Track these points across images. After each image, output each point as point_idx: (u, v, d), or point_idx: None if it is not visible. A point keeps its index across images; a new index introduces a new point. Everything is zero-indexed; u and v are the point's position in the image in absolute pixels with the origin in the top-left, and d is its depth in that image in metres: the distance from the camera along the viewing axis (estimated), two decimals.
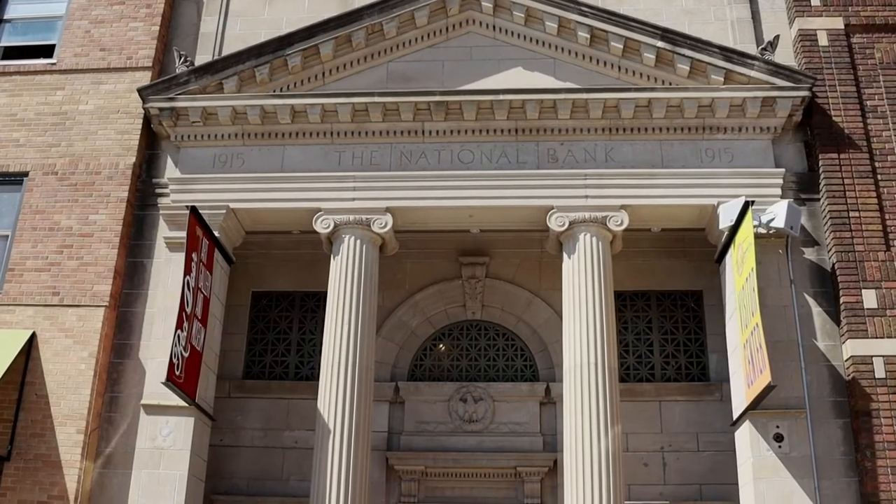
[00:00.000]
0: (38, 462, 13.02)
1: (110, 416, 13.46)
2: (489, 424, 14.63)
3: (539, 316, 15.14)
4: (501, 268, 15.41)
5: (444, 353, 15.33)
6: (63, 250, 14.04)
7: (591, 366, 12.70)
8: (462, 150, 14.10)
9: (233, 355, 15.17)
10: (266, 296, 15.71)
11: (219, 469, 14.49)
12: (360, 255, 13.57)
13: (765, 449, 12.40)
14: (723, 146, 13.76)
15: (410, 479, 14.38)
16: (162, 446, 12.98)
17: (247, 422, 14.84)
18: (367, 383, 13.09)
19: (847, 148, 13.66)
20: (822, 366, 12.90)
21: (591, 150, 13.96)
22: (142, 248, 14.29)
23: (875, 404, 12.44)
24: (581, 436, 12.41)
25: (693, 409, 14.39)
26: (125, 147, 14.56)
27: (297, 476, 14.45)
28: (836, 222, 13.33)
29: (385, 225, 13.69)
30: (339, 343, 13.08)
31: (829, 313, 13.13)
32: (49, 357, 13.49)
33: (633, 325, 15.16)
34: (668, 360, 14.90)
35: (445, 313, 15.43)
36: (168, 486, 12.78)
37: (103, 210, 14.22)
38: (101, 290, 13.79)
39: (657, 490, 14.05)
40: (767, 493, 12.22)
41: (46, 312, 13.72)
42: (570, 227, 13.48)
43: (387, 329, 15.16)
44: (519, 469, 14.24)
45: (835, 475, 12.40)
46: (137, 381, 13.54)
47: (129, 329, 13.87)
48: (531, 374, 15.03)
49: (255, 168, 14.19)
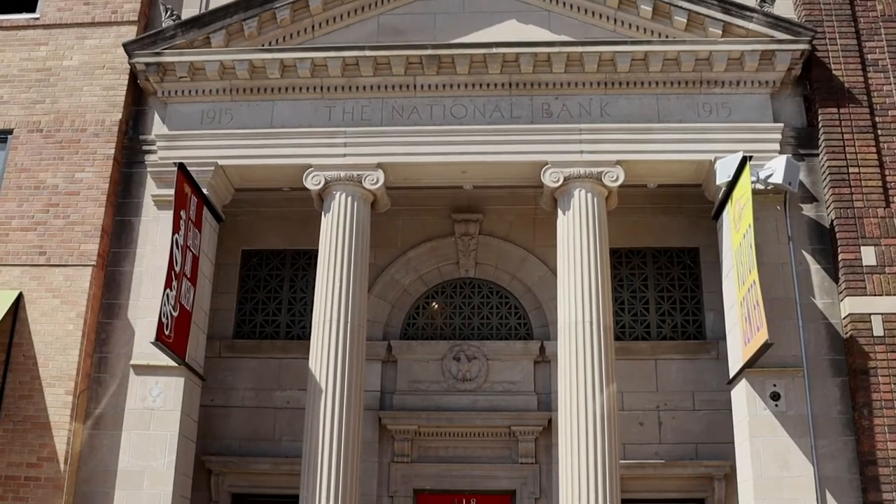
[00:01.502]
0: (27, 424, 12.91)
1: (99, 376, 13.32)
2: (483, 383, 14.53)
3: (533, 273, 14.99)
4: (495, 225, 15.25)
5: (437, 311, 15.20)
6: (49, 209, 13.82)
7: (586, 324, 12.56)
8: (455, 105, 13.87)
9: (223, 314, 15.04)
10: (256, 254, 15.55)
11: (210, 430, 14.40)
12: (352, 212, 13.38)
13: (761, 408, 12.32)
14: (720, 100, 13.54)
15: (403, 439, 14.29)
16: (152, 407, 12.88)
17: (238, 382, 14.73)
18: (360, 342, 12.95)
19: (847, 102, 13.44)
20: (819, 324, 12.77)
21: (586, 104, 13.74)
22: (129, 207, 14.07)
23: (873, 362, 12.33)
24: (576, 394, 12.30)
25: (689, 367, 14.30)
26: (111, 103, 14.29)
27: (290, 436, 14.37)
28: (835, 178, 13.14)
29: (377, 181, 13.49)
30: (331, 301, 12.92)
31: (827, 271, 12.98)
32: (36, 317, 13.32)
33: (629, 282, 15.01)
34: (664, 318, 14.78)
35: (438, 271, 15.27)
36: (158, 447, 12.70)
37: (90, 168, 13.99)
38: (88, 249, 13.60)
39: (653, 449, 13.99)
40: (764, 452, 12.15)
41: (33, 272, 13.53)
42: (564, 182, 13.29)
43: (379, 287, 15.00)
44: (513, 428, 14.15)
45: (832, 434, 12.33)
46: (126, 341, 13.39)
47: (117, 288, 13.69)
48: (525, 332, 14.91)
49: (243, 124, 13.96)
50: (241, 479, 14.24)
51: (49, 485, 12.67)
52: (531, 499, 13.98)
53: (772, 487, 12.03)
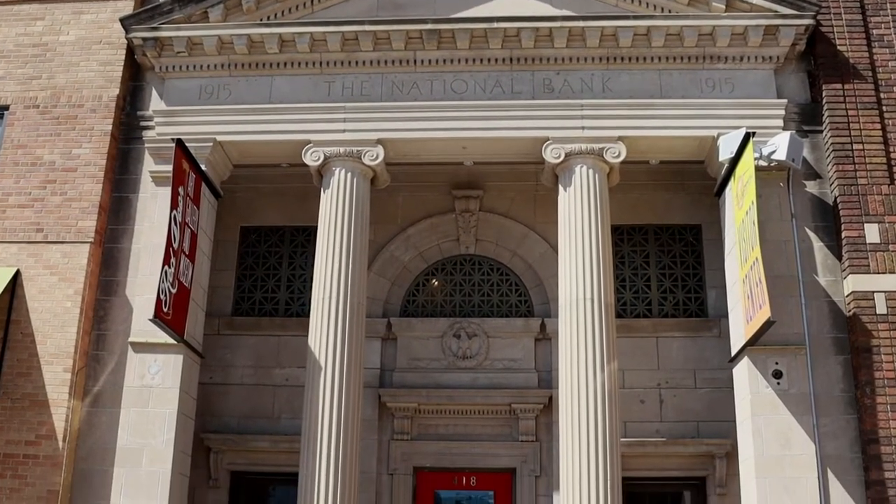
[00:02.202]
0: (26, 401, 12.83)
1: (97, 354, 13.24)
2: (483, 361, 14.47)
3: (534, 250, 14.89)
4: (496, 201, 15.14)
5: (438, 288, 15.11)
6: (46, 185, 13.70)
7: (587, 301, 12.48)
8: (455, 80, 13.74)
9: (221, 292, 14.96)
10: (255, 231, 15.45)
11: (209, 407, 14.35)
12: (351, 189, 13.27)
13: (763, 386, 12.26)
14: (723, 76, 13.41)
15: (403, 417, 14.24)
16: (150, 384, 12.82)
17: (236, 359, 14.67)
18: (359, 319, 12.87)
19: (851, 78, 13.30)
20: (822, 301, 12.68)
21: (587, 79, 13.61)
22: (127, 183, 13.95)
23: (876, 340, 12.25)
24: (576, 372, 12.24)
25: (691, 345, 14.22)
26: (108, 79, 14.15)
27: (289, 414, 14.31)
28: (839, 155, 13.02)
29: (376, 157, 13.38)
30: (330, 278, 12.84)
31: (830, 248, 12.88)
32: (34, 295, 13.23)
33: (630, 259, 14.92)
34: (666, 296, 14.70)
35: (438, 248, 15.18)
36: (157, 425, 12.64)
37: (87, 144, 13.86)
38: (85, 225, 13.49)
39: (654, 427, 13.94)
40: (765, 430, 12.10)
41: (30, 249, 13.43)
42: (565, 158, 13.17)
43: (378, 264, 14.92)
44: (513, 406, 14.09)
45: (834, 412, 12.26)
46: (125, 318, 13.31)
47: (115, 265, 13.59)
48: (526, 309, 14.83)
49: (242, 99, 13.83)
50: (240, 457, 14.20)
51: (48, 462, 12.62)
52: (531, 476, 13.93)
53: (773, 466, 11.97)
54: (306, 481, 12.17)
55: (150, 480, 12.44)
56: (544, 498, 13.85)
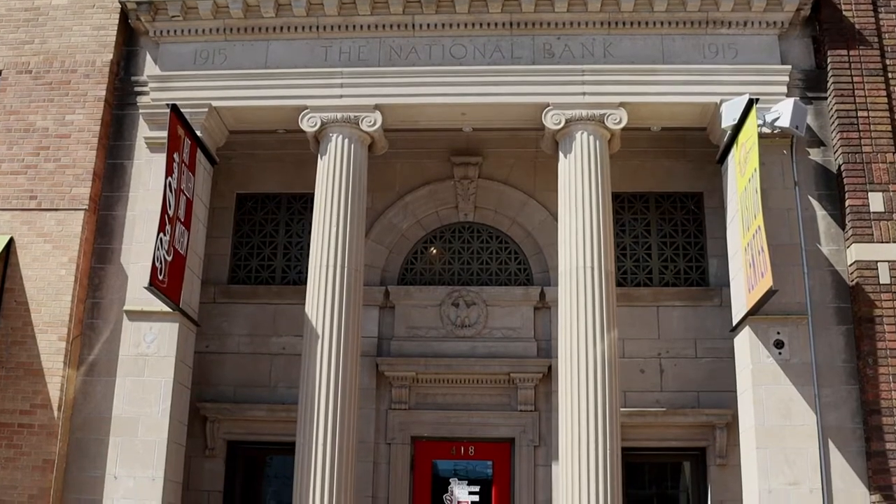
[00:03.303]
0: (20, 371, 12.74)
1: (92, 322, 13.14)
2: (482, 329, 14.36)
3: (534, 218, 14.75)
4: (495, 168, 14.97)
5: (436, 256, 14.98)
6: (39, 152, 13.53)
7: (587, 269, 12.36)
8: (454, 45, 13.55)
9: (217, 259, 14.81)
10: (251, 198, 15.27)
11: (205, 376, 14.25)
12: (349, 155, 13.12)
13: (764, 355, 12.17)
14: (727, 42, 13.21)
15: (401, 386, 14.15)
16: (146, 353, 12.74)
17: (233, 328, 14.56)
18: (357, 287, 12.76)
19: (857, 44, 13.09)
20: (825, 271, 12.56)
21: (589, 45, 13.42)
22: (121, 149, 13.79)
23: (878, 311, 12.13)
24: (576, 341, 12.15)
25: (691, 314, 14.10)
26: (102, 44, 13.94)
27: (286, 383, 14.21)
28: (844, 122, 12.83)
29: (374, 123, 13.21)
30: (327, 246, 12.71)
31: (833, 217, 12.74)
32: (28, 263, 13.10)
33: (631, 227, 14.78)
34: (667, 264, 14.56)
35: (437, 215, 15.03)
36: (153, 394, 12.57)
37: (80, 110, 13.68)
38: (79, 192, 13.34)
39: (654, 397, 13.84)
40: (766, 401, 12.01)
41: (24, 217, 13.28)
42: (566, 125, 13.01)
43: (376, 232, 14.77)
44: (512, 375, 13.99)
45: (835, 382, 12.17)
46: (119, 286, 13.20)
47: (109, 233, 13.46)
48: (525, 277, 14.70)
49: (238, 64, 13.63)
50: (237, 426, 14.11)
51: (43, 432, 12.55)
52: (530, 446, 13.86)
53: (774, 436, 11.90)
54: (303, 450, 12.10)
55: (145, 449, 12.38)
56: (543, 468, 13.78)
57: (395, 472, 13.98)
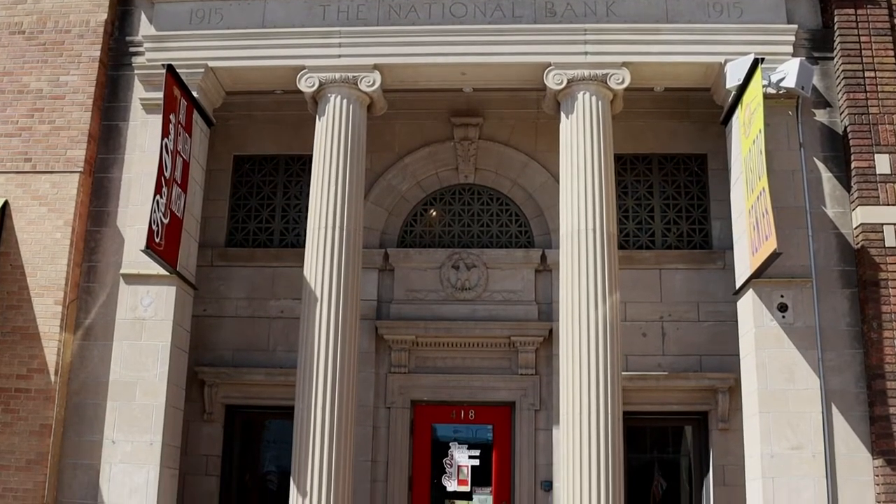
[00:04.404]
0: (17, 335, 12.65)
1: (89, 286, 13.04)
2: (482, 292, 14.23)
3: (535, 179, 14.58)
4: (495, 129, 14.79)
5: (436, 218, 14.82)
6: (34, 114, 13.35)
7: (589, 232, 12.23)
8: (454, 4, 13.32)
9: (214, 222, 14.66)
10: (248, 160, 15.09)
11: (202, 340, 14.14)
12: (347, 116, 12.94)
13: (768, 319, 12.05)
14: (732, 0, 12.97)
15: (401, 349, 14.04)
16: (143, 317, 12.63)
17: (230, 291, 14.43)
18: (356, 250, 12.63)
19: (864, 3, 12.84)
20: (829, 233, 12.42)
21: (591, 3, 13.18)
22: (117, 111, 13.61)
23: (884, 274, 12.00)
24: (577, 304, 12.03)
25: (694, 277, 13.96)
26: (96, 3, 13.69)
27: (284, 346, 14.11)
28: (850, 82, 12.64)
29: (373, 83, 13.02)
30: (326, 208, 12.57)
31: (839, 179, 12.58)
32: (23, 226, 12.96)
33: (634, 189, 14.60)
34: (670, 227, 14.41)
35: (437, 177, 14.85)
36: (150, 358, 12.48)
37: (75, 71, 13.49)
38: (74, 155, 13.18)
39: (655, 361, 13.73)
40: (769, 365, 11.92)
41: (18, 180, 13.13)
42: (568, 85, 12.82)
43: (375, 193, 14.61)
44: (513, 338, 13.89)
45: (839, 346, 12.07)
46: (116, 249, 13.08)
47: (105, 196, 13.31)
48: (526, 240, 14.55)
49: (234, 24, 13.40)
50: (235, 391, 14.03)
51: (40, 396, 12.49)
52: (531, 410, 13.78)
53: (777, 400, 11.83)
54: (302, 414, 12.02)
55: (143, 414, 12.32)
56: (544, 432, 13.70)
57: (394, 437, 13.90)
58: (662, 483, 13.85)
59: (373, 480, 13.73)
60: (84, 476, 12.41)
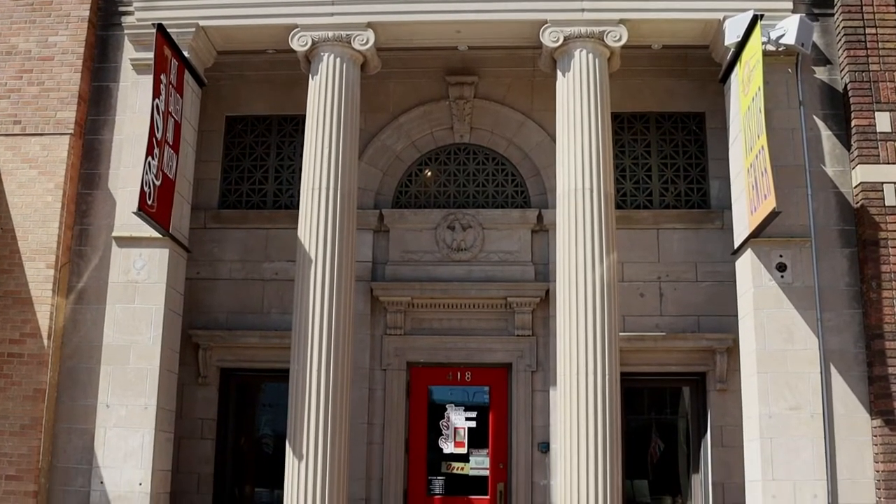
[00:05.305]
0: (9, 299, 12.56)
1: (81, 249, 12.94)
2: (478, 253, 14.11)
3: (531, 139, 14.42)
4: (491, 88, 14.60)
5: (431, 178, 14.67)
6: (22, 75, 13.18)
7: (586, 191, 12.09)
8: None
9: (207, 184, 14.50)
10: (241, 120, 14.90)
11: (196, 303, 14.03)
12: (341, 75, 12.76)
13: (766, 279, 11.96)
14: None
15: (396, 311, 13.94)
16: (136, 280, 12.53)
17: (224, 253, 14.29)
18: (350, 211, 12.49)
19: None
20: (829, 192, 12.30)
21: None
22: (107, 72, 13.46)
23: (884, 233, 11.89)
24: (574, 265, 11.92)
25: (692, 237, 13.84)
26: None
27: (279, 309, 14.01)
28: (851, 39, 12.46)
29: (366, 42, 12.82)
30: (320, 168, 12.42)
31: (839, 137, 12.44)
32: (13, 189, 12.83)
33: (631, 148, 14.45)
34: (667, 186, 14.27)
35: (432, 136, 14.68)
36: (143, 321, 12.40)
37: (63, 31, 13.30)
38: (64, 116, 13.03)
39: (653, 321, 13.65)
40: (768, 325, 11.85)
41: (8, 142, 12.98)
42: (564, 42, 12.62)
43: (369, 154, 14.45)
44: (509, 299, 13.79)
45: (838, 306, 11.99)
46: (108, 212, 12.97)
47: (96, 158, 13.18)
48: (522, 200, 14.42)
49: None
50: (229, 354, 13.95)
51: (33, 361, 12.43)
52: (527, 371, 13.71)
53: (775, 361, 11.77)
54: (298, 377, 11.94)
55: (137, 377, 12.25)
56: (541, 393, 13.64)
57: (390, 399, 13.83)
58: (660, 444, 13.83)
59: (369, 443, 13.68)
60: (79, 440, 12.38)
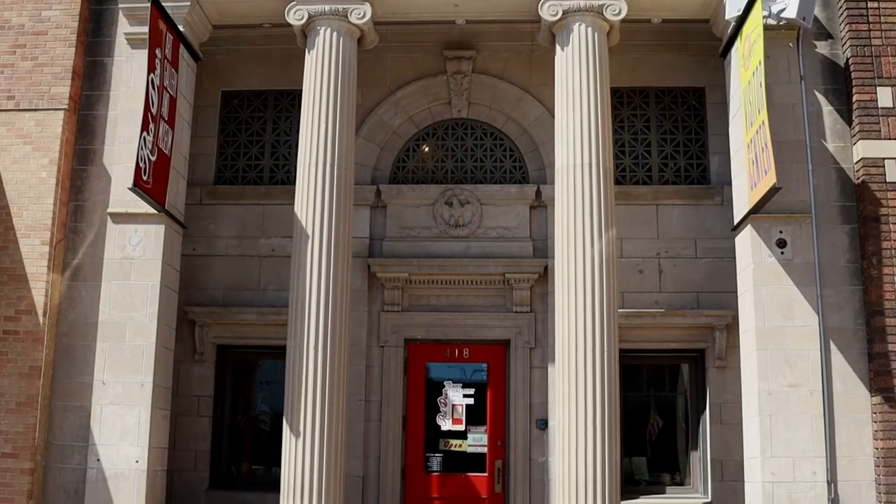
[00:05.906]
0: (3, 276, 12.52)
1: (76, 225, 12.89)
2: (476, 229, 14.02)
3: (529, 114, 14.31)
4: (489, 62, 14.48)
5: (429, 153, 14.57)
6: (16, 50, 13.08)
7: (585, 167, 12.00)
8: None
9: (203, 159, 14.38)
10: (237, 95, 14.77)
11: (192, 280, 13.93)
12: (337, 49, 12.63)
13: (766, 255, 11.90)
14: None
15: (394, 287, 13.87)
16: (132, 256, 12.46)
17: (220, 230, 14.19)
18: (347, 186, 12.40)
19: None
20: (830, 168, 12.22)
21: None
22: (101, 46, 13.37)
23: (884, 210, 11.82)
24: (573, 240, 11.84)
25: (692, 213, 13.75)
26: None
27: (275, 285, 13.92)
28: (853, 13, 12.34)
29: (363, 15, 12.70)
30: (316, 144, 12.31)
31: (840, 112, 12.34)
32: (7, 165, 12.76)
33: (630, 123, 14.34)
34: (667, 162, 14.17)
35: (429, 111, 14.57)
36: (139, 298, 12.34)
37: (57, 5, 13.23)
38: (59, 92, 12.96)
39: (652, 298, 13.58)
40: (768, 301, 11.79)
41: (2, 118, 12.94)
42: (563, 16, 12.50)
43: (366, 129, 14.34)
44: (507, 275, 13.71)
45: (838, 283, 11.94)
46: (103, 188, 12.91)
47: (91, 133, 13.12)
48: (521, 175, 14.32)
49: None
50: (226, 330, 13.87)
51: (28, 338, 12.40)
52: (526, 348, 13.65)
53: (775, 337, 11.72)
54: (295, 354, 11.88)
55: (133, 355, 12.21)
56: (539, 370, 13.59)
57: (388, 376, 13.78)
58: (659, 421, 13.79)
59: (366, 420, 13.63)
60: (75, 418, 12.36)
